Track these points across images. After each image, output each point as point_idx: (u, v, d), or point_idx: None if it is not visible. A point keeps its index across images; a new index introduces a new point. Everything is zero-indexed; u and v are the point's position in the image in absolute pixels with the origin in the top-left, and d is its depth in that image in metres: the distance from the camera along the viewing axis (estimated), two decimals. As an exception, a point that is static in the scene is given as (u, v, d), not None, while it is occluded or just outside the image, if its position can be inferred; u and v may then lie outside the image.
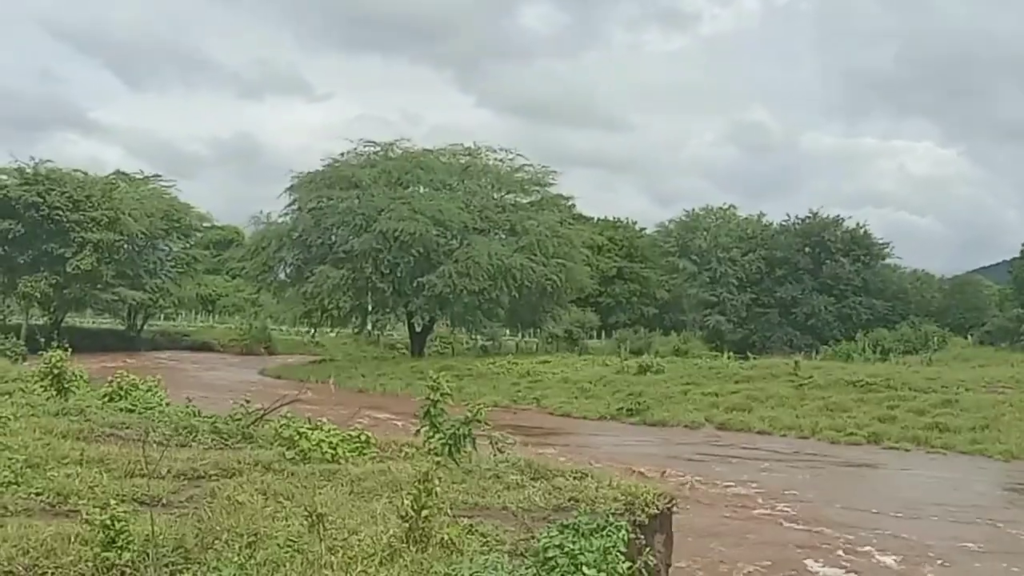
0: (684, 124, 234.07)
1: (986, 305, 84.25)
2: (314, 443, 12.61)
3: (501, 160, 63.18)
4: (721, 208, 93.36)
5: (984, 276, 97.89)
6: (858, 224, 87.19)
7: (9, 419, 13.05)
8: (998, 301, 79.27)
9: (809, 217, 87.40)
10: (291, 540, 7.97)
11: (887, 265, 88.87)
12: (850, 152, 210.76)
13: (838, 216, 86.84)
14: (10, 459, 10.56)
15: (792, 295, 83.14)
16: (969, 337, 74.69)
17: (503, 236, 59.53)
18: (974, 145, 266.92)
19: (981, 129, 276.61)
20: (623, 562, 8.40)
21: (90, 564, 7.66)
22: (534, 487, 11.38)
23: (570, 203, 69.63)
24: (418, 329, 61.73)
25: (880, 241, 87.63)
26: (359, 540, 8.29)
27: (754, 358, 52.20)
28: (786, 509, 18.72)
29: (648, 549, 10.17)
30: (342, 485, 10.94)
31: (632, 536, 9.74)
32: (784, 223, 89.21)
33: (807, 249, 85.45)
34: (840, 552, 15.69)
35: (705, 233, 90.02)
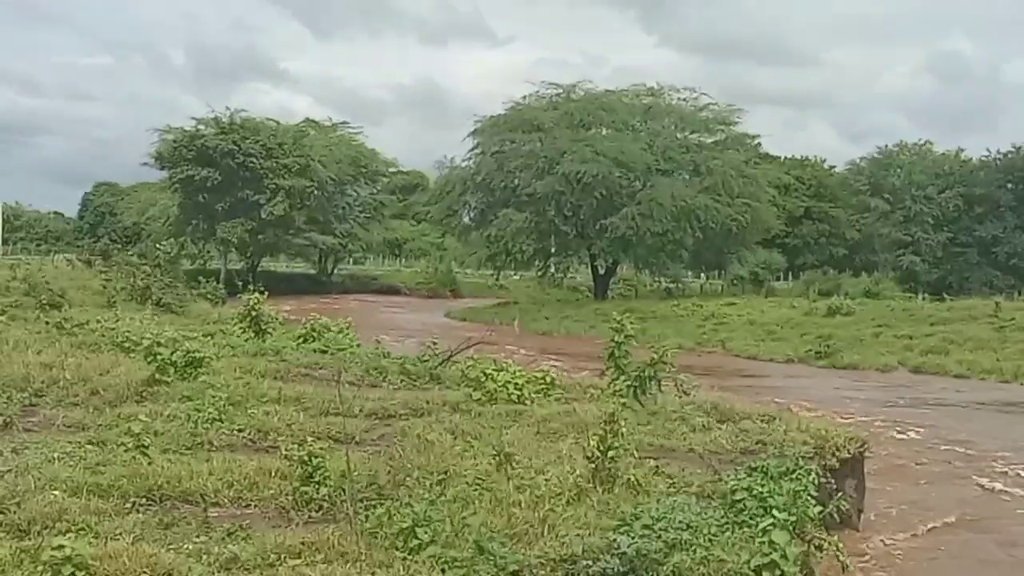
0: (877, 56, 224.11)
1: None
2: (500, 384, 12.78)
3: (684, 100, 62.07)
4: (916, 144, 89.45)
5: None
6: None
7: (212, 359, 13.67)
8: None
9: (1012, 152, 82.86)
10: (480, 478, 8.11)
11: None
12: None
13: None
14: (214, 397, 11.08)
15: (993, 234, 79.29)
16: None
17: (687, 177, 58.63)
18: None
19: None
20: (814, 506, 8.24)
21: (289, 497, 7.98)
22: (720, 429, 11.29)
23: (756, 142, 67.98)
24: (601, 272, 61.65)
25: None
26: (546, 479, 8.38)
27: (951, 300, 50.24)
28: (984, 458, 17.97)
29: (839, 494, 9.95)
30: (528, 425, 11.08)
31: (822, 480, 9.56)
32: (984, 158, 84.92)
33: (1009, 185, 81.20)
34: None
35: (899, 170, 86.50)
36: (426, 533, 6.52)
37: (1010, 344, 33.26)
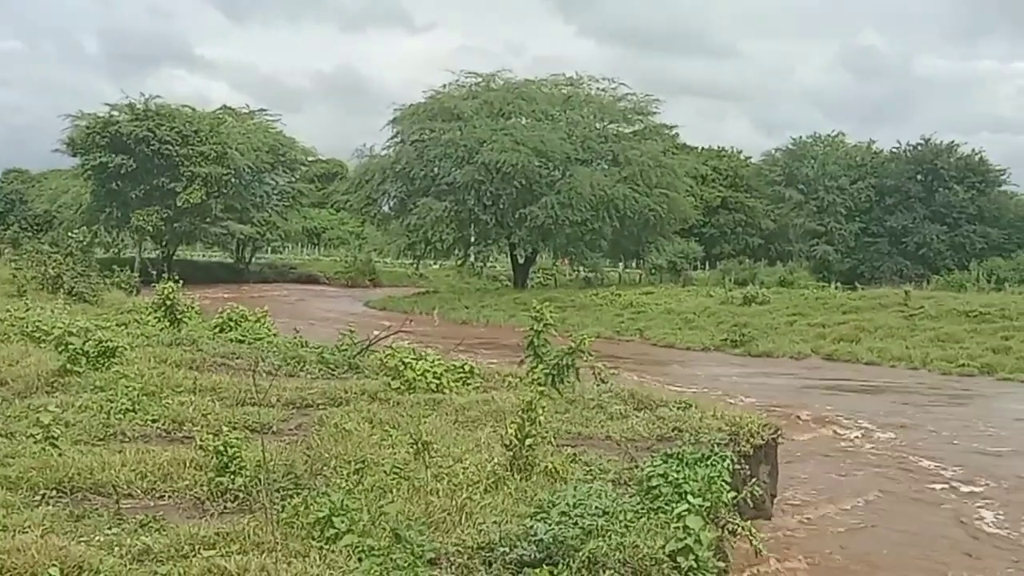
0: (794, 50, 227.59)
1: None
2: (419, 373, 12.78)
3: (603, 90, 62.63)
4: (829, 135, 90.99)
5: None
6: (973, 150, 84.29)
7: (125, 349, 13.46)
8: (1121, 229, 76.41)
9: (921, 144, 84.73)
10: (397, 467, 8.10)
11: (1003, 192, 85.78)
12: (966, 76, 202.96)
13: (952, 142, 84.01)
14: (127, 387, 10.91)
15: (902, 224, 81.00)
16: (1090, 266, 72.24)
17: (605, 166, 59.07)
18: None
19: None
20: (728, 492, 8.37)
21: (205, 488, 7.89)
22: (638, 417, 11.40)
23: (673, 132, 68.74)
24: (521, 261, 61.93)
25: (996, 167, 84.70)
26: (464, 468, 8.40)
27: (862, 288, 51.28)
28: (894, 441, 18.43)
29: (753, 480, 10.11)
30: (447, 414, 11.09)
31: (737, 466, 9.71)
32: (895, 150, 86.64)
33: (919, 177, 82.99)
34: (945, 487, 15.45)
35: (812, 161, 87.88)
36: (343, 522, 6.49)
37: (919, 332, 34.07)
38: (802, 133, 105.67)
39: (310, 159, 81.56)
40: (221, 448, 7.97)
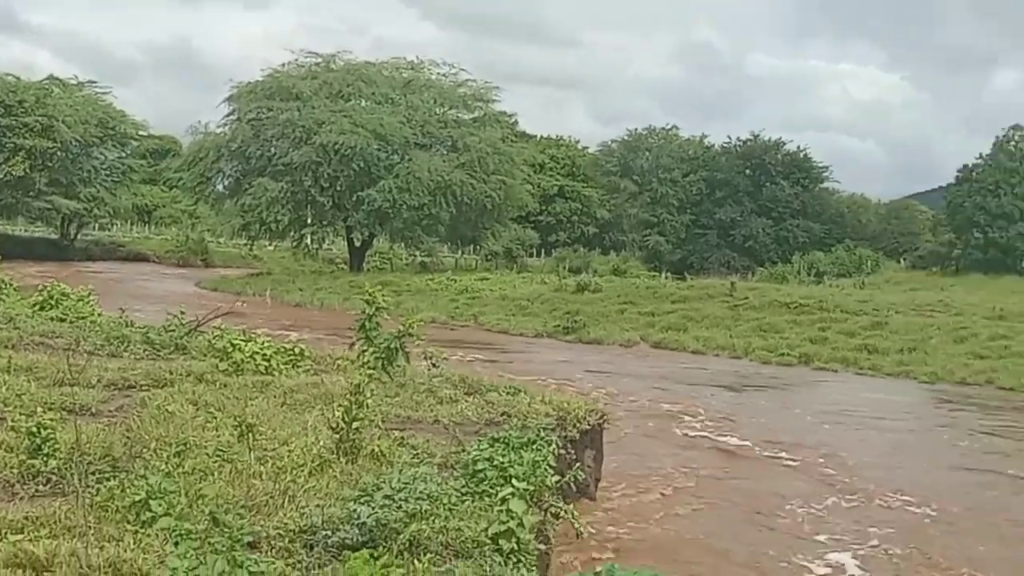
0: (632, 43, 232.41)
1: (920, 230, 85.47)
2: (247, 355, 12.58)
3: (444, 75, 62.87)
4: (664, 129, 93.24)
5: (920, 202, 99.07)
6: (799, 147, 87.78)
7: (-66, 326, 12.84)
8: (931, 227, 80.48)
9: (750, 140, 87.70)
10: (220, 450, 7.97)
11: (825, 189, 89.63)
12: (795, 75, 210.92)
13: (779, 139, 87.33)
14: (-66, 366, 10.41)
15: (731, 217, 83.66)
16: (902, 261, 76.05)
17: (444, 152, 59.19)
18: (917, 71, 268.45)
19: (925, 54, 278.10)
20: (552, 475, 8.52)
21: (15, 471, 7.59)
22: (467, 401, 11.48)
23: (512, 120, 69.36)
24: (357, 244, 61.55)
25: (820, 165, 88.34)
26: (289, 451, 8.32)
27: (691, 279, 52.79)
28: (715, 424, 19.03)
29: (577, 464, 10.33)
30: (274, 396, 10.95)
31: (562, 451, 9.89)
32: (726, 145, 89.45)
33: (747, 172, 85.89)
34: (761, 461, 16.14)
35: (647, 153, 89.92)
36: (160, 505, 6.34)
37: (742, 322, 35.27)
38: (638, 125, 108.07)
39: (141, 134, 78.96)
40: (34, 429, 7.69)
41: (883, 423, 21.02)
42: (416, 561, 5.74)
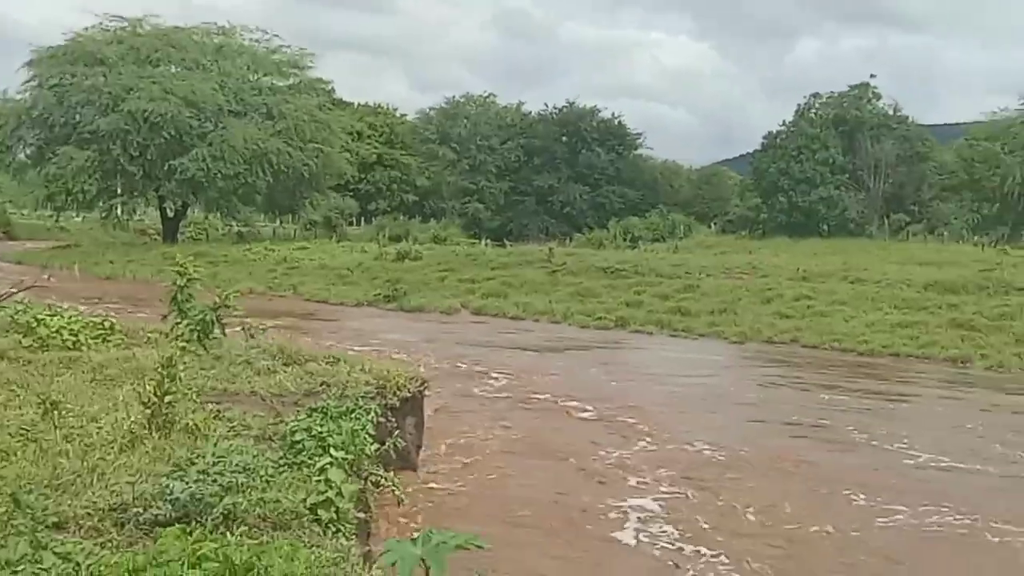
0: (450, 9, 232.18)
1: (729, 196, 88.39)
2: (53, 330, 12.18)
3: (257, 41, 61.56)
4: (481, 96, 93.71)
5: (729, 168, 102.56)
6: (613, 115, 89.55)
7: None
8: (739, 192, 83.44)
9: (566, 107, 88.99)
10: (24, 429, 7.67)
11: (640, 156, 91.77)
12: (608, 43, 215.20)
13: (594, 106, 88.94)
14: None
15: (549, 184, 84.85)
16: (713, 226, 78.61)
17: (259, 119, 57.92)
18: (725, 40, 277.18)
19: (733, 25, 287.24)
20: (371, 444, 8.52)
21: None
22: (286, 372, 11.36)
23: (329, 88, 68.36)
24: (170, 215, 59.97)
25: (633, 132, 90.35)
26: (99, 427, 8.08)
27: (511, 245, 53.37)
28: (537, 387, 19.32)
29: (397, 431, 10.35)
30: (83, 372, 10.63)
31: (382, 419, 9.90)
32: (542, 113, 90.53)
33: (564, 139, 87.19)
34: (578, 417, 16.57)
35: (465, 121, 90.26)
36: (-44, 490, 6.08)
37: (561, 287, 35.81)
38: (456, 93, 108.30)
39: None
40: None
41: (690, 379, 21.77)
42: (230, 534, 5.65)
